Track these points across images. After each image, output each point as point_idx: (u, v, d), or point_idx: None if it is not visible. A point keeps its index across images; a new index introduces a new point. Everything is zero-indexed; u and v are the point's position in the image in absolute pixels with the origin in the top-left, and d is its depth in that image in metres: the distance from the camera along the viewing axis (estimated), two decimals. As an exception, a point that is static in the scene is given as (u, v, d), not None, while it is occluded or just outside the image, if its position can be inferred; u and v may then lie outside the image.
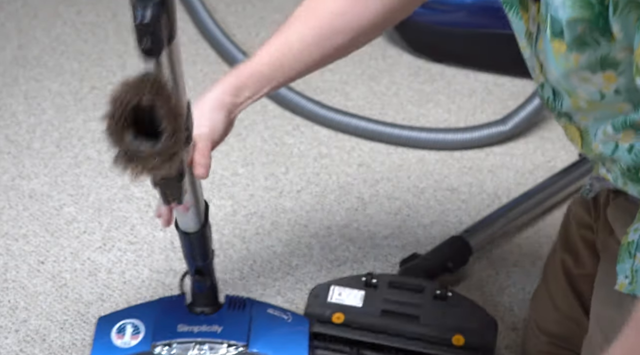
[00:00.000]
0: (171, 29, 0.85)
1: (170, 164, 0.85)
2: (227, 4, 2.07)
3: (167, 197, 0.98)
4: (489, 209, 1.58)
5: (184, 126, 0.86)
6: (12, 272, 1.47)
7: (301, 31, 1.08)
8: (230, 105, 1.06)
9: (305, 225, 1.56)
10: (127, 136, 0.83)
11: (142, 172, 0.85)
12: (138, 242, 1.53)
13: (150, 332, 1.21)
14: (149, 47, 0.82)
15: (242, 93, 1.07)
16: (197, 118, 1.01)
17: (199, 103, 1.04)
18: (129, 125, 0.83)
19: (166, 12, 0.82)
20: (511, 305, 1.43)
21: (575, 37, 0.82)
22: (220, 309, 1.25)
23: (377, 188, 1.64)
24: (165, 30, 0.84)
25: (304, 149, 1.71)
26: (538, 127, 1.75)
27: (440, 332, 1.29)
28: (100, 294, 1.44)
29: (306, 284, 1.46)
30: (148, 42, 0.82)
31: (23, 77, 1.87)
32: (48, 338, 1.37)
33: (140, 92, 0.82)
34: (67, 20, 2.02)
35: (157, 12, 0.81)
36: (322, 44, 1.08)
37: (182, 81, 0.93)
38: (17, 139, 1.72)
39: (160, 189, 0.97)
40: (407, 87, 1.86)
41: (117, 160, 0.85)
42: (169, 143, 0.83)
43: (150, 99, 0.82)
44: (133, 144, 0.83)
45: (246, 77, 1.07)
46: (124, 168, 0.85)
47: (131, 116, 0.83)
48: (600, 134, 0.94)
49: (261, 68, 1.07)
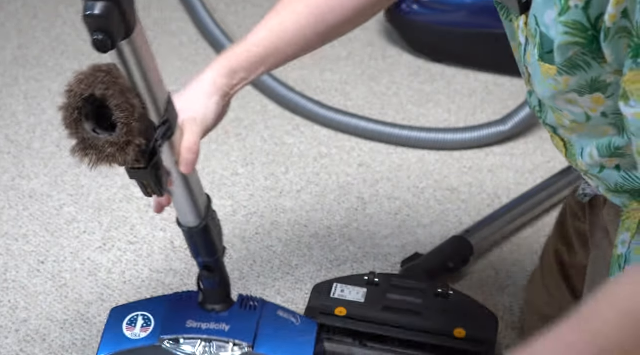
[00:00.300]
0: (128, 21, 0.83)
1: (125, 154, 0.87)
2: (227, 4, 2.07)
3: (146, 188, 0.97)
4: (489, 209, 1.58)
5: (139, 117, 0.87)
6: (12, 272, 1.47)
7: (295, 10, 1.06)
8: (225, 87, 1.03)
9: (305, 225, 1.56)
10: (84, 127, 0.85)
11: (98, 161, 0.87)
12: (138, 242, 1.53)
13: (160, 326, 1.21)
14: (100, 41, 0.81)
15: (237, 75, 1.04)
16: (189, 102, 1.00)
17: (191, 86, 1.03)
18: (86, 117, 0.85)
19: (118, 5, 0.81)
20: (511, 305, 1.43)
21: (567, 59, 0.80)
22: (231, 307, 1.24)
23: (377, 188, 1.64)
24: (120, 24, 0.82)
25: (304, 149, 1.71)
26: (538, 127, 1.74)
27: (442, 325, 1.30)
28: (100, 294, 1.44)
29: (306, 284, 1.46)
30: (98, 36, 0.81)
31: (23, 77, 1.87)
32: (48, 338, 1.37)
33: (92, 84, 0.84)
34: (67, 20, 2.02)
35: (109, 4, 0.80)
36: (317, 24, 1.06)
37: (154, 75, 0.91)
38: (17, 139, 1.72)
39: (137, 181, 0.97)
40: (407, 87, 1.86)
41: (75, 150, 0.88)
42: (122, 133, 0.85)
43: (102, 91, 0.83)
44: (90, 134, 0.86)
45: (240, 58, 1.04)
46: (81, 158, 0.87)
47: (87, 107, 0.85)
48: (586, 157, 0.93)
49: (256, 49, 1.05)
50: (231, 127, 1.75)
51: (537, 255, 1.51)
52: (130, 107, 0.85)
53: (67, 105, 0.85)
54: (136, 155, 0.89)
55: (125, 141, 0.86)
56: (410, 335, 1.29)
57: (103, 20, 0.81)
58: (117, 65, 0.87)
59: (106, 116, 0.86)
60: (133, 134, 0.86)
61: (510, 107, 1.75)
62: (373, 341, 1.31)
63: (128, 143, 0.86)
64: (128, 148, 0.87)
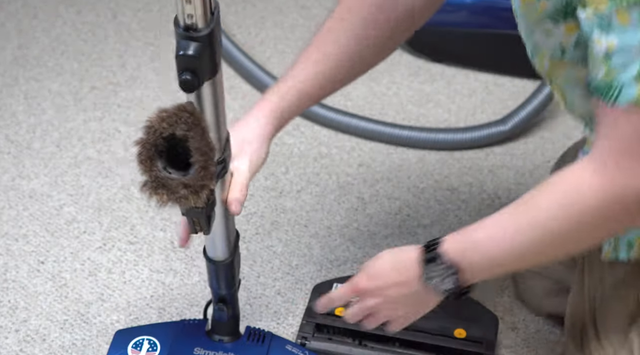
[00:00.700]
0: (214, 63, 0.83)
1: (198, 197, 0.85)
2: (227, 4, 2.07)
3: (195, 226, 0.97)
4: (489, 209, 1.58)
5: (216, 161, 0.86)
6: (12, 272, 1.47)
7: (336, 36, 1.07)
8: (273, 134, 1.05)
9: (305, 225, 1.56)
10: (157, 164, 0.83)
11: (168, 201, 0.85)
12: (138, 242, 1.53)
13: (166, 352, 1.21)
14: (189, 81, 0.81)
15: (284, 115, 1.06)
16: (239, 146, 1.00)
17: (241, 131, 1.03)
18: (160, 154, 0.83)
19: (210, 47, 0.80)
20: (511, 305, 1.43)
21: None
22: (238, 339, 1.24)
23: (377, 188, 1.64)
24: (208, 65, 0.82)
25: (304, 149, 1.71)
26: (538, 127, 1.75)
27: (442, 325, 1.30)
28: (100, 294, 1.44)
29: (306, 284, 1.46)
30: (187, 76, 0.80)
31: (23, 77, 1.87)
32: (48, 338, 1.37)
33: (175, 123, 0.82)
34: (67, 20, 2.02)
35: (202, 46, 0.79)
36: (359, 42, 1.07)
37: (222, 116, 0.91)
38: (17, 139, 1.72)
39: (189, 218, 0.96)
40: (407, 87, 1.86)
41: (145, 187, 0.85)
42: (198, 176, 0.83)
43: (184, 131, 0.82)
44: (162, 172, 0.83)
45: (290, 100, 1.05)
46: (150, 195, 0.85)
47: (163, 145, 0.83)
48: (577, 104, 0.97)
49: (303, 86, 1.06)
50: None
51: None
52: (209, 150, 0.84)
53: (145, 141, 0.83)
54: (208, 198, 0.87)
55: (201, 185, 0.84)
56: (410, 335, 1.29)
57: (193, 61, 0.80)
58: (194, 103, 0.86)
59: (177, 155, 0.84)
60: (209, 178, 0.85)
61: (510, 107, 1.75)
62: (373, 341, 1.32)
63: (203, 187, 0.85)
64: (202, 191, 0.85)
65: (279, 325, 1.40)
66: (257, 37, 1.96)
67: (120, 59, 1.91)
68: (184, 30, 0.80)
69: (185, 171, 0.84)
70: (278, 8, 2.03)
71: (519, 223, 0.88)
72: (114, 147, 1.69)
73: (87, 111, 1.78)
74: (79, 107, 1.79)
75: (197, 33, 0.80)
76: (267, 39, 1.95)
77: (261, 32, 1.97)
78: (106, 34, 1.98)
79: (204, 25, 0.80)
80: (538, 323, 1.41)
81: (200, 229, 0.97)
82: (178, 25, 0.81)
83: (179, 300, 1.43)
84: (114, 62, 1.91)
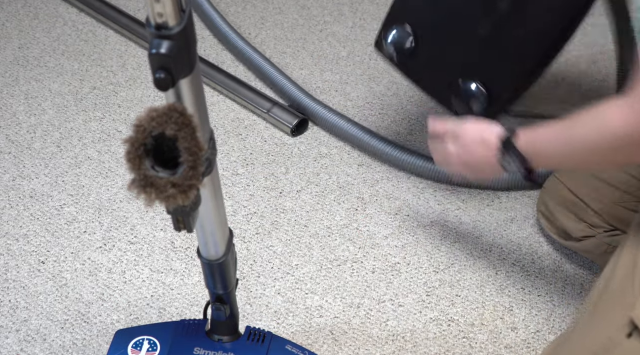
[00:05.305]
0: (191, 60, 0.84)
1: (186, 196, 0.86)
2: (227, 4, 2.07)
3: (179, 224, 0.97)
4: (489, 209, 1.59)
5: (204, 161, 0.86)
6: (12, 272, 1.48)
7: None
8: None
9: (305, 225, 1.56)
10: (145, 163, 0.84)
11: (156, 200, 0.85)
12: (138, 242, 1.53)
13: (166, 351, 1.21)
14: (162, 80, 0.81)
15: None
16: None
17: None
18: (148, 152, 0.84)
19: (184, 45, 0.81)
20: (511, 305, 1.43)
21: None
22: (238, 339, 1.24)
23: (377, 188, 1.64)
24: (182, 63, 0.83)
25: (304, 149, 1.72)
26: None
27: None
28: (101, 293, 1.44)
29: (306, 284, 1.46)
30: (161, 75, 0.81)
31: (23, 77, 1.87)
32: (48, 338, 1.38)
33: (165, 123, 0.82)
34: (67, 20, 2.02)
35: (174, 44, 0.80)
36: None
37: (204, 114, 0.92)
38: (18, 139, 1.72)
39: (173, 217, 0.96)
40: (407, 87, 1.86)
41: (133, 186, 0.85)
42: (187, 175, 0.84)
43: (174, 131, 0.82)
44: (150, 171, 0.84)
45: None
46: (138, 194, 0.85)
47: (152, 144, 0.83)
48: None
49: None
50: (231, 127, 1.75)
51: (536, 256, 1.52)
52: (199, 150, 0.84)
53: (134, 139, 0.83)
54: (195, 198, 0.88)
55: (189, 184, 0.84)
56: None
57: (167, 59, 0.80)
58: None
59: (165, 153, 0.84)
60: (197, 178, 0.85)
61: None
62: None
63: (191, 186, 0.85)
64: (190, 191, 0.85)
65: (279, 325, 1.40)
66: (257, 37, 1.96)
67: (120, 59, 1.92)
68: (156, 29, 0.80)
69: (173, 170, 0.85)
70: (278, 8, 2.03)
71: (566, 135, 1.09)
72: (114, 147, 1.70)
73: (87, 111, 1.78)
74: (79, 107, 1.80)
75: (169, 31, 0.80)
76: (267, 39, 1.95)
77: (261, 32, 1.98)
78: (106, 34, 1.98)
79: (176, 23, 0.80)
80: (538, 323, 1.41)
81: (184, 227, 0.97)
82: (149, 24, 0.81)
83: (179, 300, 1.43)
84: (114, 62, 1.91)
